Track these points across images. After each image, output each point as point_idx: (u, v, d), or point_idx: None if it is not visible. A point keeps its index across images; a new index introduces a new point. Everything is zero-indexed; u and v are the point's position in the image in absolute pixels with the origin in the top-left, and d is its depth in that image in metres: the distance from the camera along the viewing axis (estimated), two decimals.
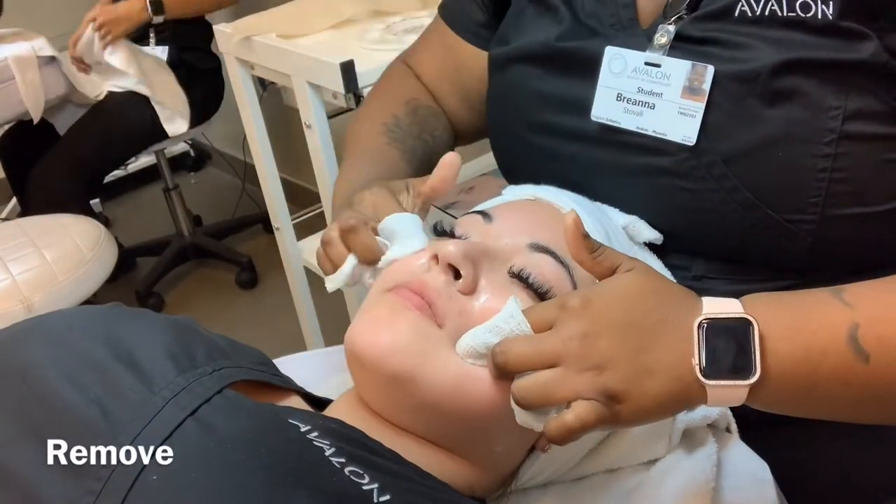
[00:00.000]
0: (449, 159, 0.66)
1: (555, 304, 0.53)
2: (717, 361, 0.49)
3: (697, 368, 0.49)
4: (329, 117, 1.43)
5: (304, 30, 1.45)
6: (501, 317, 0.55)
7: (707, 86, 0.62)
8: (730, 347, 0.50)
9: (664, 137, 0.64)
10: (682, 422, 0.65)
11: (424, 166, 0.80)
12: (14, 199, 2.62)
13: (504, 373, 0.53)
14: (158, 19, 2.21)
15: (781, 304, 0.53)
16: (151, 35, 2.32)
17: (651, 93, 0.65)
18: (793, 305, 0.52)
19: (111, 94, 2.34)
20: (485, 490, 0.61)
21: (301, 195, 2.67)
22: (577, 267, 0.60)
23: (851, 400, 0.51)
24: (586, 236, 0.54)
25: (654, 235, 0.69)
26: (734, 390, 0.50)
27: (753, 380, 0.49)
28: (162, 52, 2.32)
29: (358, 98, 1.29)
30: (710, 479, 0.62)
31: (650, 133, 0.65)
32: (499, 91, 0.79)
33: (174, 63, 2.33)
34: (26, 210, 2.37)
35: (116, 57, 2.21)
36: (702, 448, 0.65)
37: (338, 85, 1.27)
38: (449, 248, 0.58)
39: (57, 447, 0.48)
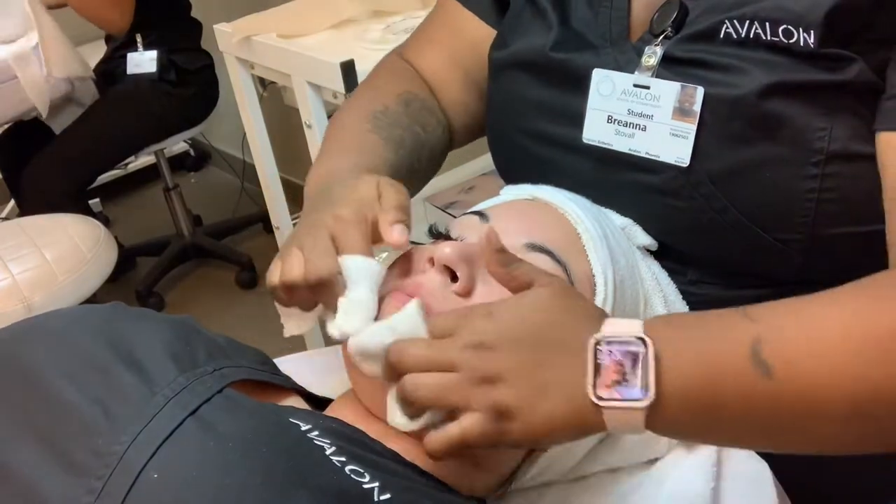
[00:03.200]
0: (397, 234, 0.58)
1: (458, 312, 0.52)
2: (607, 375, 0.47)
3: (589, 386, 0.47)
4: (329, 117, 1.42)
5: (304, 30, 1.45)
6: (399, 317, 0.52)
7: (698, 107, 0.62)
8: (623, 367, 0.47)
9: (657, 159, 0.64)
10: None
11: (413, 157, 0.76)
12: (14, 200, 2.62)
13: (395, 374, 0.50)
14: None
15: (683, 323, 0.51)
16: (139, 40, 2.32)
17: (641, 115, 0.65)
18: (694, 325, 0.51)
19: (105, 96, 2.35)
20: (484, 490, 0.61)
21: (301, 195, 2.64)
22: (573, 265, 0.61)
23: (758, 422, 0.48)
24: (502, 250, 0.53)
25: (649, 241, 0.69)
26: (629, 413, 0.47)
27: (646, 402, 0.46)
28: (151, 56, 2.32)
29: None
30: (710, 478, 0.62)
31: (643, 154, 0.65)
32: (496, 96, 0.79)
33: (164, 65, 2.33)
34: (23, 210, 2.37)
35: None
36: (701, 448, 0.65)
37: (338, 85, 1.27)
38: (445, 250, 0.57)
39: (58, 446, 0.48)
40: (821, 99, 0.59)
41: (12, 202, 2.67)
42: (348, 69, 1.26)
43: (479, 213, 0.65)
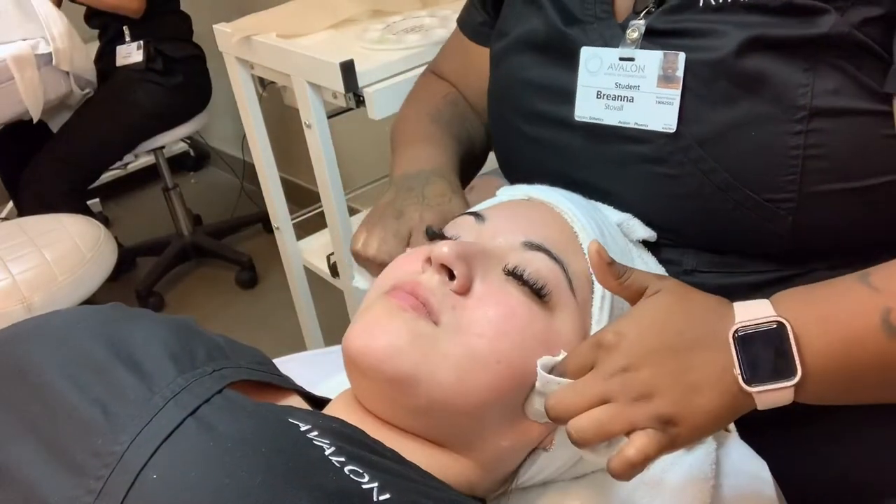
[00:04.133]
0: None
1: (589, 344, 0.54)
2: (757, 368, 0.51)
3: (740, 378, 0.51)
4: (329, 117, 1.42)
5: (304, 29, 1.45)
6: (537, 386, 0.56)
7: (680, 72, 0.63)
8: (768, 353, 0.51)
9: (645, 128, 0.65)
10: None
11: (469, 146, 0.87)
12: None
13: (560, 422, 0.53)
14: None
15: (811, 298, 0.54)
16: (126, 31, 2.33)
17: (628, 86, 0.67)
18: (823, 298, 0.53)
19: (98, 95, 2.35)
20: (485, 489, 0.61)
21: (301, 195, 2.67)
22: (571, 263, 0.61)
23: (893, 378, 0.53)
24: (612, 262, 0.55)
25: (648, 234, 0.69)
26: (780, 393, 0.51)
27: (796, 380, 0.50)
28: (138, 47, 2.33)
29: (358, 98, 1.29)
30: (710, 476, 0.62)
31: (632, 125, 0.66)
32: (496, 83, 0.81)
33: (150, 55, 2.33)
34: (21, 211, 2.38)
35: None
36: (701, 446, 0.65)
37: (338, 85, 1.27)
38: (442, 249, 0.58)
39: (57, 446, 0.48)
40: (799, 54, 0.59)
41: (12, 202, 2.67)
42: (348, 69, 1.26)
43: (475, 214, 0.65)
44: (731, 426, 0.71)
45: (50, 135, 2.38)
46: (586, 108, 0.69)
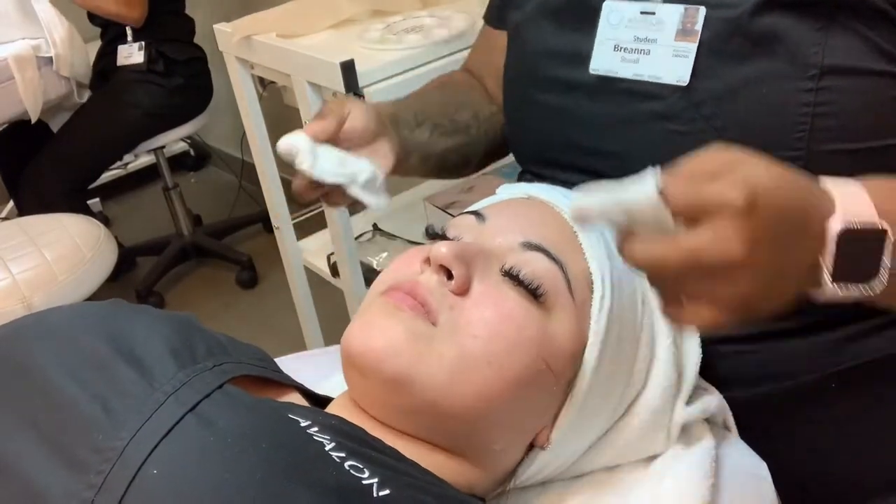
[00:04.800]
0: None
1: (713, 192, 0.45)
2: (848, 269, 0.47)
3: (828, 274, 0.47)
4: None
5: (304, 29, 1.45)
6: (637, 197, 0.46)
7: (699, 26, 0.64)
8: (861, 256, 0.47)
9: (659, 81, 0.66)
10: (682, 416, 0.65)
11: (468, 118, 0.88)
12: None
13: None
14: None
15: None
16: (129, 32, 2.33)
17: (646, 39, 0.68)
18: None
19: (97, 92, 2.35)
20: (484, 489, 0.61)
21: None
22: (570, 264, 0.61)
23: None
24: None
25: None
26: (854, 294, 0.48)
27: (880, 289, 0.48)
28: (139, 47, 2.33)
29: (358, 97, 1.29)
30: (709, 474, 0.63)
31: (646, 78, 0.67)
32: (513, 56, 0.82)
33: (151, 56, 2.34)
34: (21, 210, 2.38)
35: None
36: (700, 444, 0.65)
37: (338, 85, 1.27)
38: (441, 249, 0.58)
39: (58, 442, 0.48)
40: (813, 14, 0.60)
41: (12, 202, 2.67)
42: (348, 69, 1.26)
43: (475, 213, 0.65)
44: (732, 425, 0.71)
45: (50, 135, 2.38)
46: (602, 62, 0.70)
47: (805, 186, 0.49)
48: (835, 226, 0.47)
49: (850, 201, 0.49)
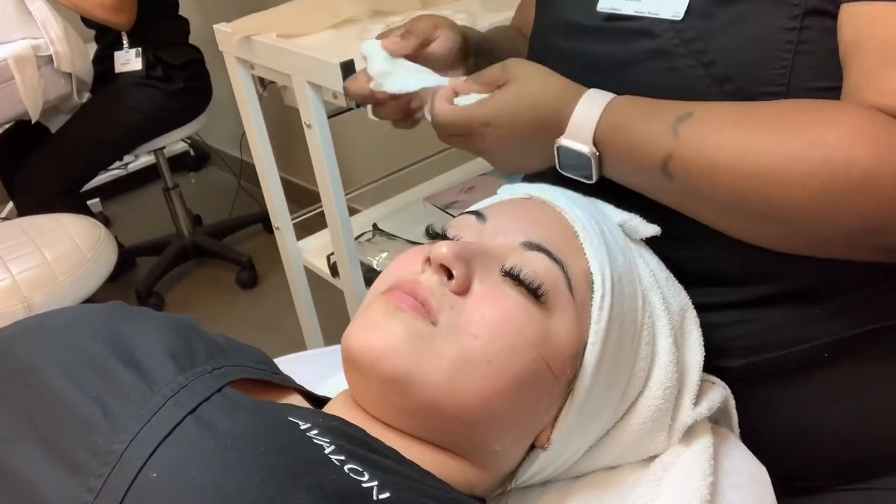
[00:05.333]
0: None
1: (465, 122, 0.72)
2: (567, 167, 0.70)
3: (556, 165, 0.71)
4: (329, 117, 1.42)
5: (304, 29, 1.45)
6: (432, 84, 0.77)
7: None
8: (578, 162, 0.69)
9: (657, 16, 0.69)
10: (690, 417, 0.65)
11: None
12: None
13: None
14: None
15: (627, 124, 0.65)
16: (124, 38, 2.33)
17: None
18: (634, 128, 0.65)
19: (96, 95, 2.35)
20: (484, 489, 0.61)
21: (301, 195, 2.67)
22: (571, 264, 0.61)
23: (672, 199, 0.66)
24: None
25: (652, 231, 0.69)
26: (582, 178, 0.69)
27: (594, 181, 0.69)
28: (136, 54, 2.33)
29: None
30: (708, 473, 0.63)
31: (646, 14, 0.70)
32: (539, 5, 0.87)
33: (150, 62, 2.33)
34: (20, 212, 2.38)
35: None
36: (700, 443, 0.65)
37: (338, 85, 1.27)
38: (441, 249, 0.58)
39: (57, 445, 0.48)
40: None
41: (12, 202, 2.67)
42: (348, 69, 1.26)
43: (476, 213, 0.65)
44: (735, 426, 0.71)
45: (49, 135, 2.38)
46: (609, 1, 0.74)
47: (552, 105, 0.69)
48: (559, 141, 0.69)
49: (578, 123, 0.67)
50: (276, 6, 1.60)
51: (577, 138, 0.67)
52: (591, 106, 0.67)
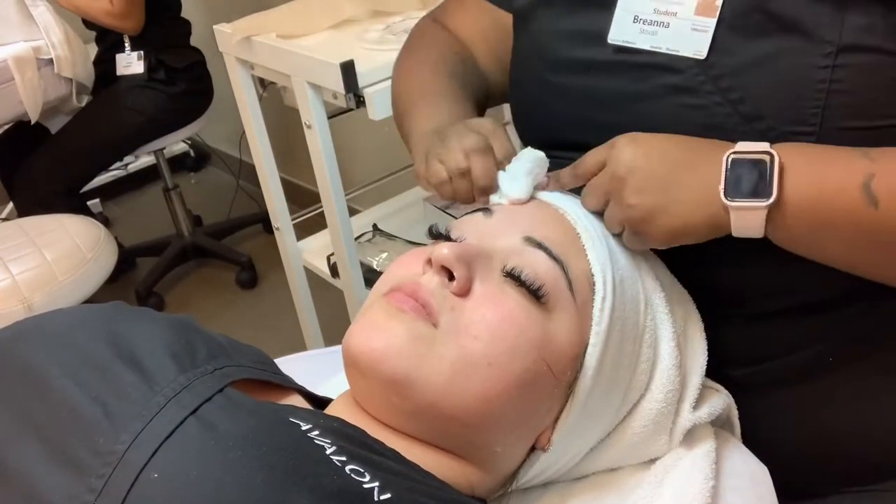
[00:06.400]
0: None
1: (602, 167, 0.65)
2: (739, 185, 0.58)
3: (721, 191, 0.58)
4: (329, 117, 1.43)
5: (304, 30, 1.45)
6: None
7: (719, 2, 0.64)
8: (752, 175, 0.58)
9: (677, 54, 0.66)
10: (689, 420, 0.65)
11: (480, 106, 0.85)
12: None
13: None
14: None
15: (809, 148, 0.59)
16: (126, 41, 2.33)
17: (666, 13, 0.68)
18: (820, 151, 0.59)
19: (98, 97, 2.35)
20: (485, 490, 0.61)
21: (301, 195, 2.67)
22: (572, 264, 0.61)
23: (861, 241, 0.58)
24: (565, 173, 0.68)
25: None
26: (754, 213, 0.58)
27: (770, 201, 0.57)
28: (139, 57, 2.33)
29: (358, 98, 1.29)
30: (710, 476, 0.63)
31: (663, 51, 0.67)
32: (523, 43, 0.81)
33: (152, 65, 2.33)
34: (20, 212, 2.38)
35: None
36: (701, 446, 0.65)
37: (338, 85, 1.27)
38: (443, 251, 0.58)
39: (59, 445, 0.48)
40: None
41: (12, 203, 2.67)
42: (348, 69, 1.26)
43: (484, 209, 0.65)
44: (737, 430, 0.71)
45: (49, 136, 2.38)
46: (621, 32, 0.70)
47: (693, 142, 0.62)
48: (726, 153, 0.59)
49: (749, 144, 0.59)
50: (276, 6, 1.61)
51: (753, 147, 0.59)
52: (757, 144, 0.59)
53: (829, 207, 0.57)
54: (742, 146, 0.59)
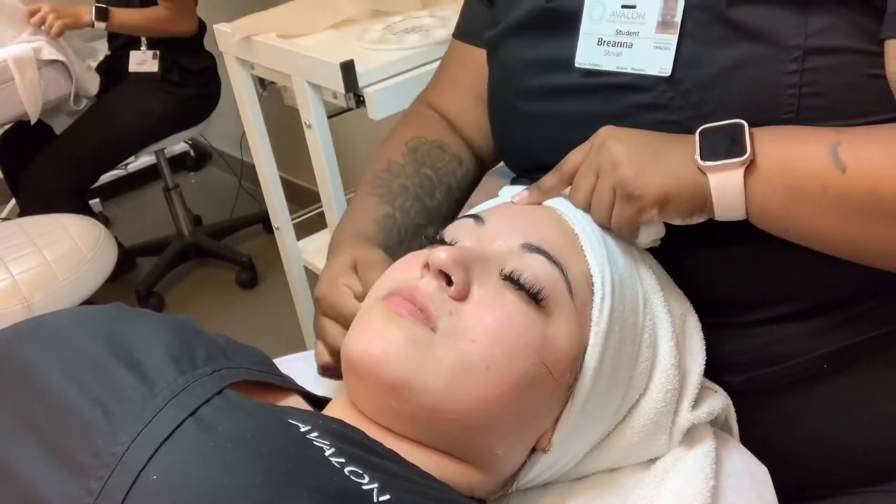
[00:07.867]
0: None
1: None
2: (713, 148, 0.60)
3: (698, 156, 0.60)
4: (329, 117, 1.43)
5: (304, 30, 1.45)
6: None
7: (679, 18, 0.65)
8: (724, 140, 0.60)
9: (642, 73, 0.67)
10: (688, 420, 0.65)
11: (422, 198, 0.84)
12: (14, 199, 2.63)
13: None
14: (100, 25, 2.20)
15: (778, 128, 0.61)
16: (143, 39, 2.33)
17: (628, 33, 0.69)
18: (788, 126, 0.61)
19: (106, 95, 2.35)
20: (485, 492, 0.61)
21: (301, 195, 2.67)
22: (570, 267, 0.61)
23: (833, 208, 0.58)
24: (544, 185, 0.68)
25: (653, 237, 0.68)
26: (731, 173, 0.59)
27: (745, 156, 0.59)
28: (154, 56, 2.32)
29: (358, 98, 1.29)
30: (710, 476, 0.62)
31: (629, 70, 0.68)
32: (495, 72, 0.81)
33: (167, 66, 2.33)
34: (23, 210, 2.38)
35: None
36: (701, 446, 0.65)
37: (338, 85, 1.27)
38: (440, 255, 0.58)
39: (57, 446, 0.48)
40: None
41: (12, 202, 2.68)
42: (348, 69, 1.26)
43: (475, 217, 0.65)
44: (735, 429, 0.71)
45: (52, 134, 2.38)
46: (586, 55, 0.71)
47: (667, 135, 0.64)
48: (698, 130, 0.61)
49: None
50: (276, 6, 1.60)
51: (721, 122, 0.61)
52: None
53: (799, 171, 0.58)
54: (713, 125, 0.61)
